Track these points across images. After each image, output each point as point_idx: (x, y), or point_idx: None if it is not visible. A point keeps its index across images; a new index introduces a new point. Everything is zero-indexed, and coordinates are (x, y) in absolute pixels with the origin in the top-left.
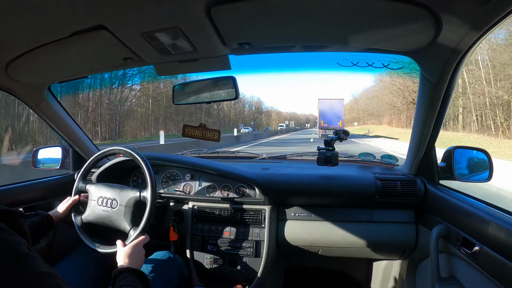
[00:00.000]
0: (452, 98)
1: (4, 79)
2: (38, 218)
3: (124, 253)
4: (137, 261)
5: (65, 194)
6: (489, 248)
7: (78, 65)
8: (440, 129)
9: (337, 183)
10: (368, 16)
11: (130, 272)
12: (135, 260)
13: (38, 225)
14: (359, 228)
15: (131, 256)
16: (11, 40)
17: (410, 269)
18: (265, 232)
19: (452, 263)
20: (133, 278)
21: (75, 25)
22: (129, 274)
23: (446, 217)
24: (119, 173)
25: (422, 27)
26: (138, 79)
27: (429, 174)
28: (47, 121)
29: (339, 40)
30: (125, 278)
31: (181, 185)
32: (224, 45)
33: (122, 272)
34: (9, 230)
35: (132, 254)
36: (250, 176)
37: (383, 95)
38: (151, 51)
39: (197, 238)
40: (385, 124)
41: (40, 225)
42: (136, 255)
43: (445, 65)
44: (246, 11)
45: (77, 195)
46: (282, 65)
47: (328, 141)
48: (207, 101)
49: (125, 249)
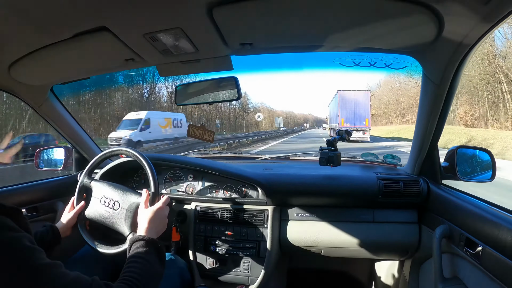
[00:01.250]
0: (491, 84)
1: (7, 80)
2: (44, 229)
3: (145, 216)
4: (158, 226)
5: (68, 195)
6: (492, 249)
7: (80, 66)
8: (443, 128)
9: (339, 183)
10: (370, 15)
11: (145, 241)
12: (155, 224)
13: (42, 236)
14: (361, 228)
15: (152, 220)
16: (13, 41)
17: (413, 270)
18: (267, 233)
19: (455, 263)
20: (146, 249)
21: (77, 26)
22: (143, 244)
23: (449, 217)
24: (122, 173)
25: (424, 26)
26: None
27: (432, 174)
28: (50, 122)
29: (341, 40)
30: (138, 248)
31: (183, 186)
32: (226, 45)
33: (138, 240)
34: (12, 227)
35: (153, 218)
36: (253, 177)
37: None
38: (153, 52)
39: (199, 238)
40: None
41: (45, 236)
42: (158, 219)
43: (448, 65)
44: (248, 12)
45: (83, 202)
46: (283, 65)
47: (331, 141)
48: (209, 102)
49: (147, 212)
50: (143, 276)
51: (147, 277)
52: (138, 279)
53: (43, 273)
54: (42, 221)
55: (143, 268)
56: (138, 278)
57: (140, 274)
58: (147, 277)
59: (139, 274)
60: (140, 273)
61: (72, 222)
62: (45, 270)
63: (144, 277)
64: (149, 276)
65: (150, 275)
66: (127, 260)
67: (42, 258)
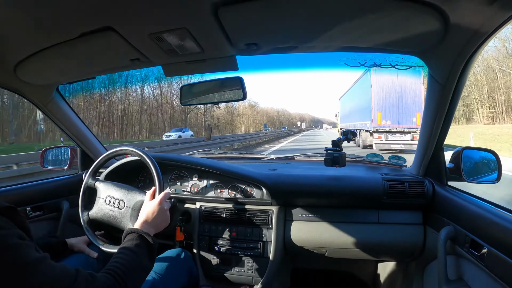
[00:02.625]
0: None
1: (13, 80)
2: (54, 240)
3: (143, 210)
4: (156, 219)
5: (73, 194)
6: (498, 251)
7: (86, 66)
8: (449, 129)
9: (344, 184)
10: (376, 15)
11: (137, 234)
12: (153, 218)
13: (51, 246)
14: (366, 229)
15: (149, 214)
16: (19, 41)
17: (418, 271)
18: (272, 233)
19: (460, 265)
20: (137, 242)
21: (83, 26)
22: (135, 236)
23: (454, 218)
24: (127, 173)
25: (430, 27)
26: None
27: (437, 175)
28: (55, 121)
29: (347, 40)
30: (129, 240)
31: (188, 186)
32: (231, 46)
33: (130, 233)
34: (2, 226)
35: (151, 211)
36: (258, 177)
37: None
38: (159, 52)
39: (204, 238)
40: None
41: (54, 248)
42: (155, 213)
43: (453, 65)
44: (253, 12)
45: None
46: (286, 65)
47: (336, 142)
48: (214, 102)
49: (145, 206)
50: (128, 268)
51: (132, 269)
52: (123, 270)
53: (30, 270)
54: (47, 220)
55: (130, 260)
56: (123, 269)
57: (125, 265)
58: (132, 269)
59: (124, 265)
60: (126, 264)
61: (82, 247)
62: (32, 266)
63: (130, 270)
64: (135, 268)
65: (136, 268)
66: (117, 251)
67: (29, 254)
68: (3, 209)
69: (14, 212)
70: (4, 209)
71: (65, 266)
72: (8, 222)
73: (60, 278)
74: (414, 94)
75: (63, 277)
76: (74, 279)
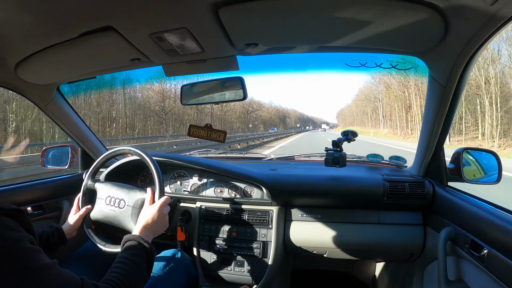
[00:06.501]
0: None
1: (14, 79)
2: (50, 230)
3: (143, 215)
4: (155, 225)
5: (74, 194)
6: (498, 252)
7: (87, 66)
8: (449, 130)
9: (344, 184)
10: (376, 16)
11: (137, 242)
12: (152, 224)
13: (48, 237)
14: (366, 230)
15: (149, 219)
16: (20, 41)
17: (418, 272)
18: (272, 233)
19: (460, 266)
20: (136, 251)
21: (84, 26)
22: (134, 245)
23: (454, 219)
24: (127, 172)
25: (431, 27)
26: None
27: (437, 176)
28: (56, 121)
29: (347, 41)
30: (129, 249)
31: (189, 185)
32: (232, 45)
33: (130, 240)
34: (14, 228)
35: (151, 217)
36: (258, 177)
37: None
38: (159, 52)
39: (204, 238)
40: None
41: (51, 237)
42: (155, 218)
43: (454, 66)
44: (254, 12)
45: (89, 205)
46: (286, 66)
47: (336, 142)
48: (215, 102)
49: (145, 211)
50: (127, 279)
51: (131, 279)
52: (123, 281)
53: (40, 275)
54: (47, 219)
55: (130, 271)
56: (123, 280)
57: (125, 276)
58: (131, 279)
59: (123, 276)
60: (125, 274)
61: (77, 224)
62: (44, 271)
63: (129, 280)
64: (134, 279)
65: (135, 278)
66: (117, 259)
67: (40, 259)
68: (11, 211)
69: (21, 214)
70: (12, 211)
71: (71, 274)
72: (17, 225)
73: (68, 284)
74: None
75: (70, 284)
76: (80, 287)
